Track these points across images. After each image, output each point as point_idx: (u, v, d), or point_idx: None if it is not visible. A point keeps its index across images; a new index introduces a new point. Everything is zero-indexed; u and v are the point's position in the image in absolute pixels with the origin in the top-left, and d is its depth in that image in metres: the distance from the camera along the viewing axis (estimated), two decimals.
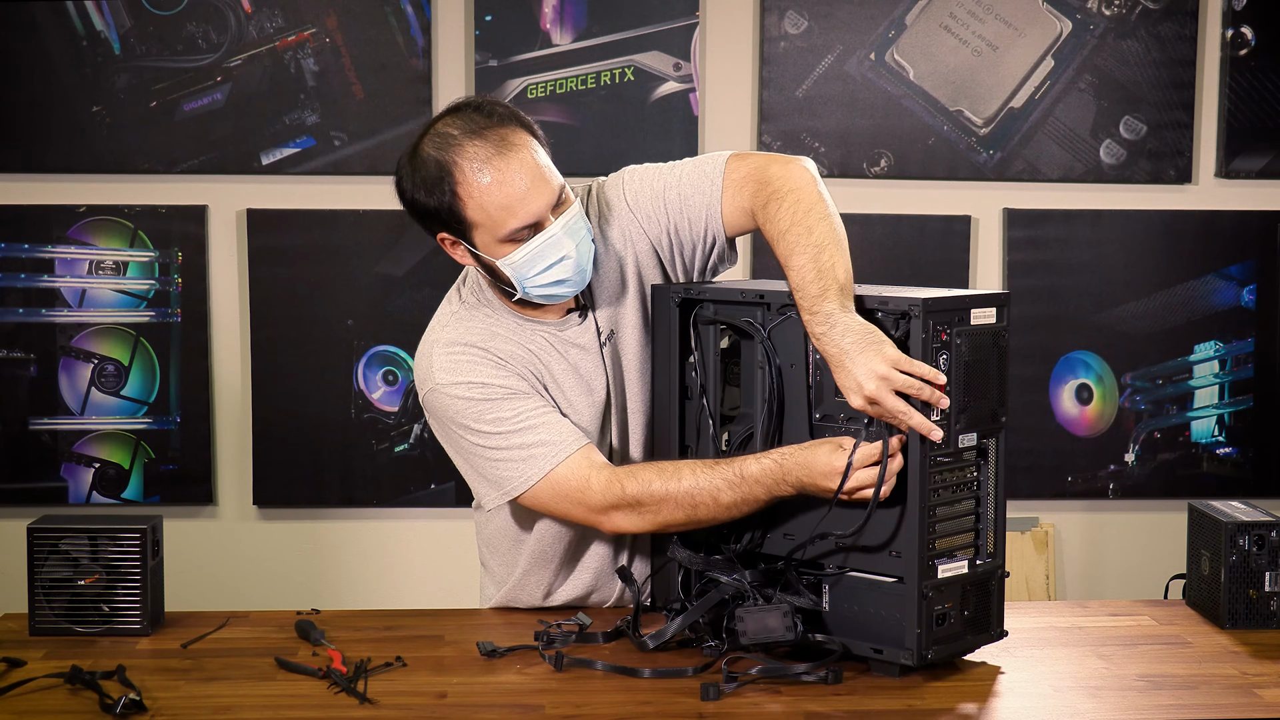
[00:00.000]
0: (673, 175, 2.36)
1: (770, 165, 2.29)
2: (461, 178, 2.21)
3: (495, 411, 2.28)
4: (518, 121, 2.26)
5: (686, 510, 2.22)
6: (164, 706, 2.04)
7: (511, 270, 2.25)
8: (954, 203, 4.12)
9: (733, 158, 2.34)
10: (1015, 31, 4.06)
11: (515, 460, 2.28)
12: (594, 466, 2.26)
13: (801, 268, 2.14)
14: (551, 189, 2.24)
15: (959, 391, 2.11)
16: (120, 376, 4.01)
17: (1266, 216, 4.16)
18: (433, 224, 2.29)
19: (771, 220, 2.22)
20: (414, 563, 4.13)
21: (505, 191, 2.21)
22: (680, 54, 4.01)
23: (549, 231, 2.24)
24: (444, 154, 2.22)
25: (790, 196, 2.23)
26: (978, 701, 2.08)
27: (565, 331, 2.37)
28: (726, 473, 2.19)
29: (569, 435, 2.28)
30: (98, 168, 3.96)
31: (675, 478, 2.22)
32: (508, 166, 2.21)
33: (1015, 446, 3.10)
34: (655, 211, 2.36)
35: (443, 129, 2.25)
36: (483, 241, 2.25)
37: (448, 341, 2.33)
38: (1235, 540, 2.38)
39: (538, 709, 2.04)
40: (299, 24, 3.95)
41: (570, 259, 2.25)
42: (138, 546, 2.34)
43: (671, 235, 2.37)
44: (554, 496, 2.28)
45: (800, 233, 2.18)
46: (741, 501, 2.19)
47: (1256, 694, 2.10)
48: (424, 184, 2.24)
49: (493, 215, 2.22)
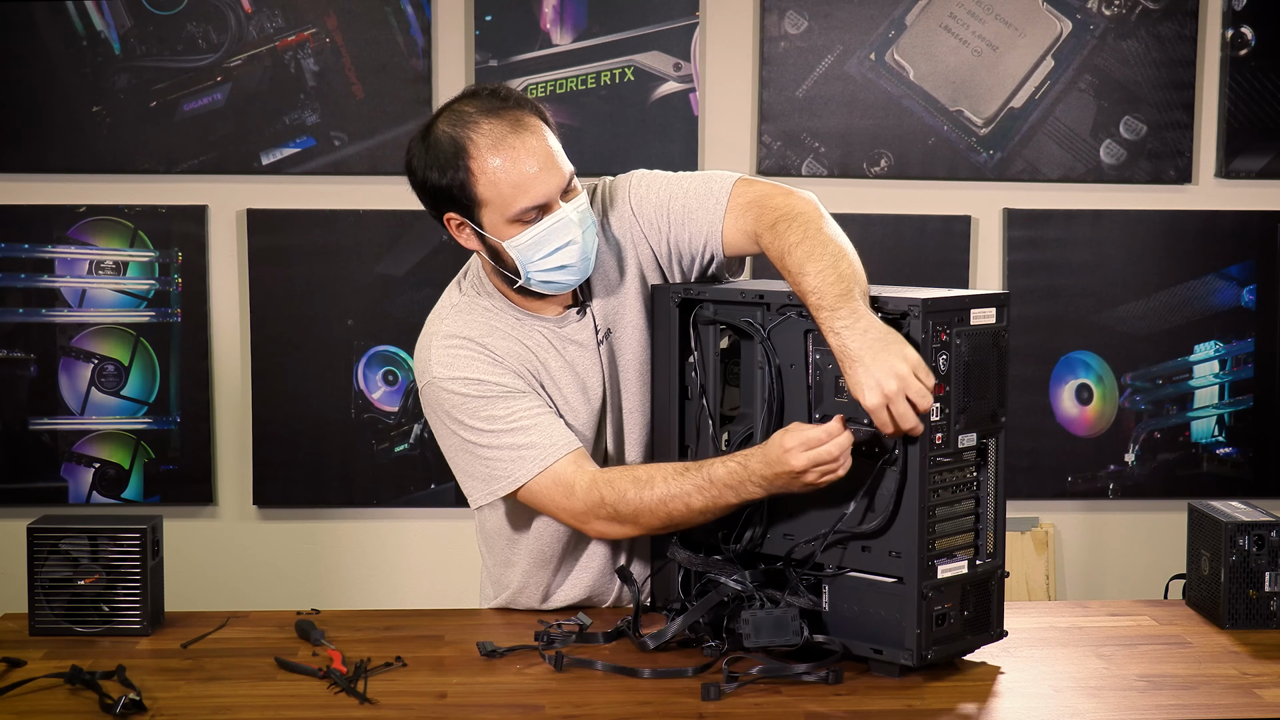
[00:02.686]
0: (679, 187, 2.36)
1: (775, 195, 2.29)
2: (475, 153, 2.23)
3: (489, 409, 2.29)
4: (532, 108, 2.28)
5: (662, 518, 2.23)
6: (164, 706, 2.04)
7: (517, 253, 2.26)
8: (954, 203, 4.12)
9: (740, 181, 2.34)
10: (1015, 31, 4.06)
11: (505, 460, 2.28)
12: (580, 472, 2.26)
13: (820, 273, 2.13)
14: (562, 174, 2.26)
15: (959, 391, 2.11)
16: (120, 376, 4.01)
17: (1266, 216, 4.16)
18: (442, 203, 2.29)
19: (780, 237, 2.21)
20: (414, 563, 4.13)
21: (518, 169, 2.22)
22: (680, 54, 4.01)
23: (558, 214, 2.25)
24: (459, 130, 2.24)
25: (799, 219, 2.22)
26: (978, 701, 2.08)
27: (564, 328, 2.37)
28: (696, 478, 2.19)
29: (560, 438, 2.28)
30: (98, 168, 3.96)
31: (649, 486, 2.22)
32: (522, 145, 2.23)
33: (1015, 446, 3.09)
34: (658, 220, 2.37)
35: (459, 108, 2.27)
36: (490, 221, 2.26)
37: (446, 334, 2.34)
38: (1235, 540, 2.38)
39: (538, 709, 2.04)
40: (299, 24, 3.95)
41: (576, 244, 2.26)
42: (138, 546, 2.35)
43: (671, 245, 2.37)
44: (539, 499, 2.29)
45: (814, 245, 2.17)
46: (712, 505, 2.19)
47: (1256, 694, 2.10)
48: (437, 161, 2.25)
49: (504, 193, 2.23)
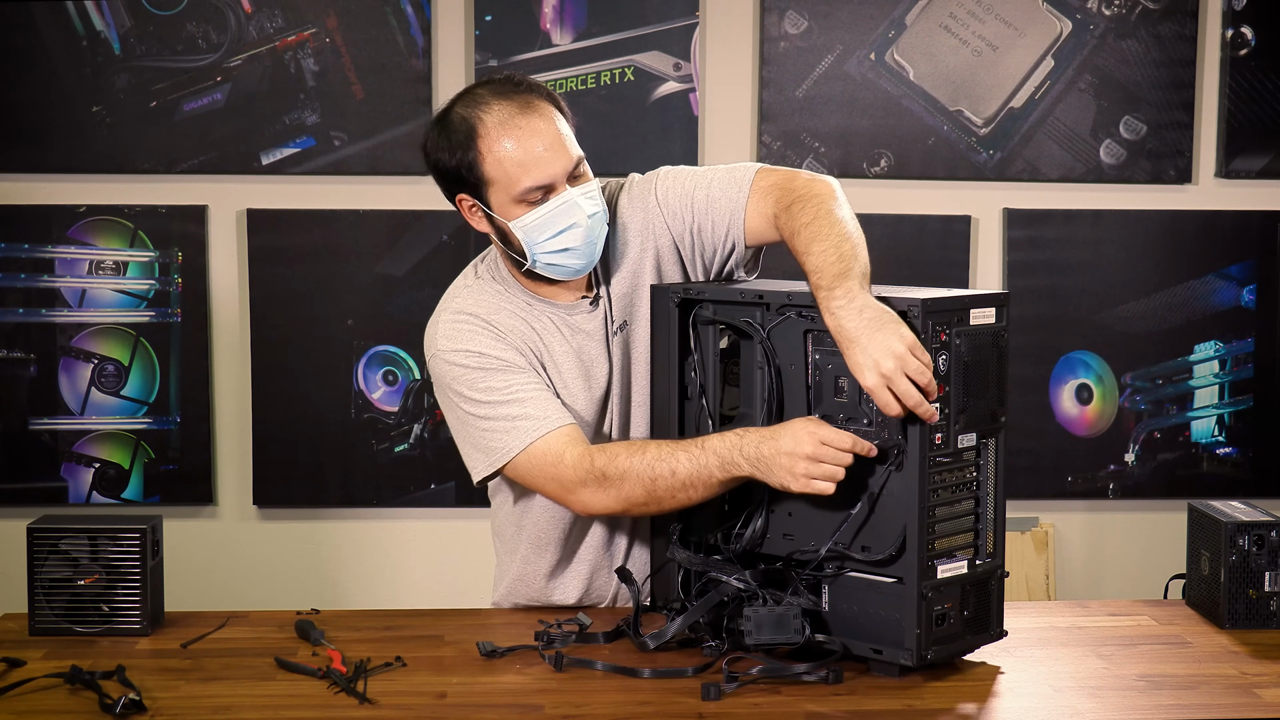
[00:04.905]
0: (704, 178, 2.41)
1: (797, 177, 2.34)
2: (484, 131, 2.29)
3: (488, 380, 2.32)
4: (545, 94, 2.34)
5: (646, 485, 2.23)
6: (164, 706, 2.04)
7: (522, 233, 2.30)
8: (954, 203, 4.12)
9: (762, 169, 2.39)
10: (1015, 31, 4.06)
11: (500, 431, 2.31)
12: (572, 443, 2.29)
13: (823, 252, 2.15)
14: (569, 157, 2.30)
15: (959, 391, 2.11)
16: (120, 376, 4.01)
17: (1266, 216, 4.16)
18: (453, 185, 2.36)
19: (794, 217, 2.25)
20: (414, 563, 4.13)
21: (523, 148, 2.27)
22: (680, 54, 4.01)
23: (563, 196, 2.29)
24: (470, 111, 2.31)
25: (814, 200, 2.26)
26: (977, 701, 2.08)
27: (574, 316, 2.39)
28: (689, 445, 2.22)
29: (554, 412, 2.31)
30: (98, 168, 3.96)
31: (641, 451, 2.25)
32: (529, 125, 2.28)
33: (1015, 446, 3.10)
34: (681, 209, 2.40)
35: (473, 91, 2.36)
36: (498, 201, 2.31)
37: (454, 310, 2.39)
38: (1235, 540, 2.38)
39: (538, 709, 2.04)
40: (299, 24, 3.95)
41: (580, 228, 2.29)
42: (138, 546, 2.35)
43: (694, 235, 2.41)
44: (531, 470, 2.31)
45: (822, 225, 2.20)
46: (696, 476, 2.20)
47: (1256, 694, 2.10)
48: (448, 143, 2.32)
49: (509, 171, 2.28)
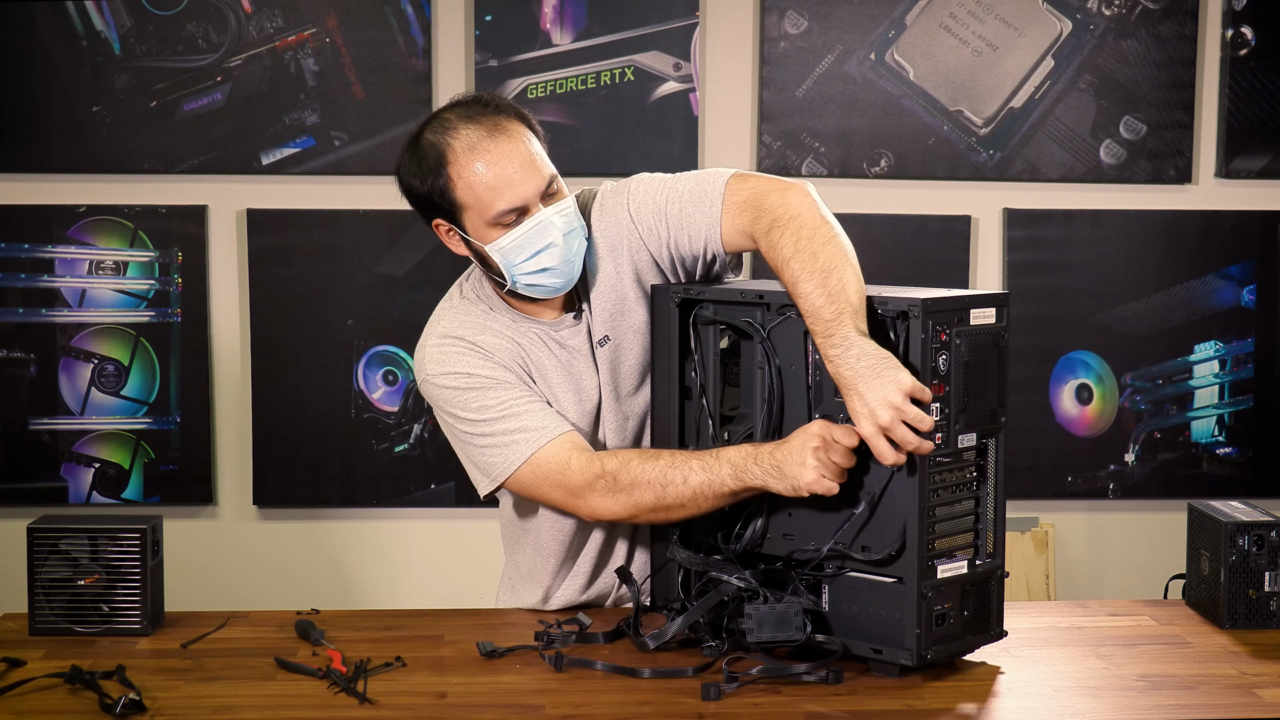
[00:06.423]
0: (675, 190, 2.34)
1: (769, 194, 2.27)
2: (453, 158, 2.27)
3: (480, 399, 2.32)
4: (515, 113, 2.32)
5: (656, 491, 2.23)
6: (164, 706, 2.04)
7: (499, 256, 2.29)
8: (954, 203, 4.12)
9: (734, 178, 2.31)
10: (1015, 31, 4.06)
11: (499, 446, 2.31)
12: (576, 449, 2.29)
13: (810, 294, 2.12)
14: (541, 176, 2.28)
15: (959, 391, 2.11)
16: (120, 376, 4.01)
17: (1266, 216, 4.16)
18: (427, 209, 2.34)
19: (775, 248, 2.20)
20: (414, 563, 4.13)
21: (493, 172, 2.25)
22: (680, 54, 4.01)
23: (537, 217, 2.27)
24: (439, 137, 2.29)
25: (792, 224, 2.20)
26: (977, 701, 2.08)
27: (559, 332, 2.38)
28: (704, 455, 2.22)
29: (552, 422, 2.31)
30: (98, 168, 3.96)
31: (654, 458, 2.25)
32: (497, 148, 2.26)
33: (1015, 446, 3.09)
34: (656, 225, 2.35)
35: (442, 115, 2.33)
36: (472, 225, 2.30)
37: (440, 334, 2.38)
38: (1235, 540, 2.38)
39: (538, 709, 2.04)
40: (299, 24, 3.95)
41: (557, 247, 2.27)
42: (138, 546, 2.35)
43: (672, 249, 2.36)
44: (536, 480, 2.31)
45: (805, 259, 2.15)
46: (709, 485, 2.20)
47: (1256, 694, 2.10)
48: (419, 169, 2.30)
49: (480, 196, 2.26)
